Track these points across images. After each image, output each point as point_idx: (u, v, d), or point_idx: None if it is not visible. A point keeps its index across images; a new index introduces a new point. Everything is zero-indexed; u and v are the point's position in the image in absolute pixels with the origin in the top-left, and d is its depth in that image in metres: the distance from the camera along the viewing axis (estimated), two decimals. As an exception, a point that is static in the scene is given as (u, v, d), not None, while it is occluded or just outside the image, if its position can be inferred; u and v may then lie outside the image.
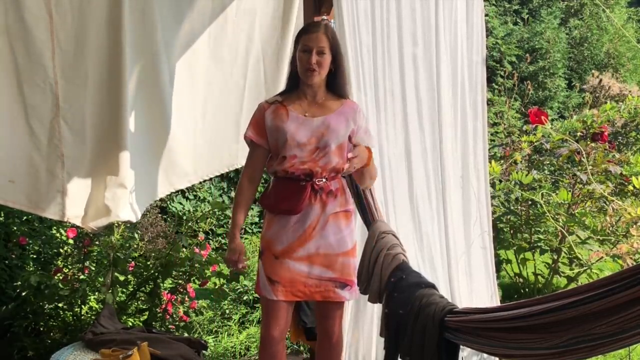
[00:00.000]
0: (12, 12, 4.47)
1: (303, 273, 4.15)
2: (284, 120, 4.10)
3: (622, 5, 16.53)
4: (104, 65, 4.81)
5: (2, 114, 4.57)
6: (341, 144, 4.16)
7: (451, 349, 3.72)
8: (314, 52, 4.06)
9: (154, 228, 6.65)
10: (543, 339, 2.95)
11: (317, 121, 4.12)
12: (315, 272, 4.16)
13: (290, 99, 4.19)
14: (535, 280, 7.16)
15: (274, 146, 4.15)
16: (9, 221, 6.28)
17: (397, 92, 4.68)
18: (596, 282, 2.69)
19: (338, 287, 4.21)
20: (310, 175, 4.08)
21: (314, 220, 4.15)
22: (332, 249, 4.18)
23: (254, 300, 7.02)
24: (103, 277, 5.83)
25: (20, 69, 4.56)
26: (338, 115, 4.18)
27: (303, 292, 4.17)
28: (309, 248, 4.15)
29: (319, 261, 4.17)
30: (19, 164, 4.67)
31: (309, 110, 4.16)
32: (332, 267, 4.19)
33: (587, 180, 6.18)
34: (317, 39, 4.09)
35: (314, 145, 4.10)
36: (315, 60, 4.05)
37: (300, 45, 4.12)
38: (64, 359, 4.69)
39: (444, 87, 4.72)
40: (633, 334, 2.62)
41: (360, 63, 4.56)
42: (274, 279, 4.13)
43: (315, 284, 4.17)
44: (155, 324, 5.92)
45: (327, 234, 4.18)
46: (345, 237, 4.23)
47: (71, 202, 4.83)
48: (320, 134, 4.11)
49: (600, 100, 9.73)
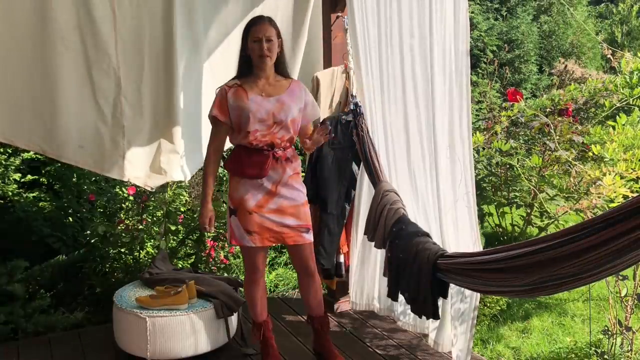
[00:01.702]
0: (82, 11, 4.52)
1: (274, 223, 4.23)
2: (244, 100, 4.14)
3: (584, 4, 16.50)
4: (158, 52, 4.86)
5: (75, 93, 4.63)
6: (294, 118, 4.26)
7: (442, 286, 3.72)
8: (263, 40, 4.10)
9: (199, 187, 6.65)
10: (517, 278, 2.95)
11: (272, 100, 4.19)
12: (286, 221, 4.25)
13: (247, 82, 4.21)
14: (512, 230, 7.17)
15: (237, 123, 4.19)
16: (80, 182, 6.34)
17: (398, 76, 4.67)
18: (561, 231, 2.68)
19: (304, 232, 4.31)
20: (271, 146, 4.17)
21: (277, 180, 4.22)
22: (295, 201, 4.27)
23: (281, 247, 7.02)
24: (158, 227, 5.86)
25: (90, 57, 4.62)
26: (289, 94, 4.26)
27: (275, 237, 4.28)
28: (277, 202, 4.23)
29: (288, 212, 4.25)
30: (88, 133, 4.73)
31: (265, 90, 4.21)
32: (298, 216, 4.28)
33: (555, 147, 6.15)
34: (265, 29, 4.14)
35: (272, 120, 4.16)
36: (266, 47, 4.10)
37: (251, 36, 4.15)
38: (125, 294, 4.73)
39: (435, 72, 4.71)
40: (591, 274, 2.62)
41: (368, 52, 4.54)
42: (251, 230, 4.21)
43: (285, 232, 4.26)
44: (200, 265, 5.95)
45: (290, 191, 4.27)
46: (301, 192, 4.35)
47: (131, 165, 4.87)
48: (277, 110, 4.17)
49: (566, 82, 9.64)
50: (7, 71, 4.44)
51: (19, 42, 4.42)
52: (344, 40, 5.09)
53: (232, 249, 6.32)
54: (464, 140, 4.78)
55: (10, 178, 6.21)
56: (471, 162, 4.79)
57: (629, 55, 5.82)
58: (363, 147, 4.61)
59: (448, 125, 4.77)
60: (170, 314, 4.41)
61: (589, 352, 4.82)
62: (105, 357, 4.74)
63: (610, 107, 5.84)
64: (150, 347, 4.39)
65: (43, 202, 6.36)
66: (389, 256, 4.09)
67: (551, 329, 5.80)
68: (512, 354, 5.30)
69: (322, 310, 4.58)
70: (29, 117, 4.56)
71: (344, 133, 4.83)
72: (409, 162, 4.70)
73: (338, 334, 5.02)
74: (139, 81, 4.82)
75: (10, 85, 4.47)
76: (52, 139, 4.63)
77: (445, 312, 4.43)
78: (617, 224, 2.36)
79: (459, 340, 4.44)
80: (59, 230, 6.12)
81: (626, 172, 4.62)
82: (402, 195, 4.35)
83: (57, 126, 4.61)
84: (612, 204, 4.54)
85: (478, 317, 4.71)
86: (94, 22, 4.54)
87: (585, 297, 6.29)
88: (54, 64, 4.51)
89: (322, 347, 4.61)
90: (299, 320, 5.35)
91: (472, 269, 3.34)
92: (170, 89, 4.91)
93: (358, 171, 4.93)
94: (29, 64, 4.48)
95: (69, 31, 4.51)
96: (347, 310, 5.51)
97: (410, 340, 4.97)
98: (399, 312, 4.98)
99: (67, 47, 4.52)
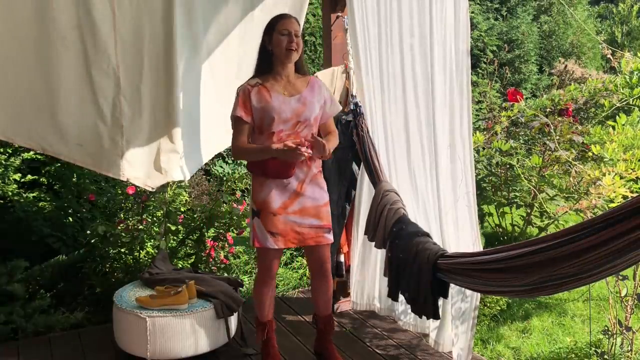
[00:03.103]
0: (82, 11, 4.53)
1: (296, 224, 4.20)
2: (268, 100, 4.08)
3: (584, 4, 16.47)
4: (158, 52, 4.86)
5: (75, 92, 4.64)
6: (316, 116, 4.23)
7: (442, 287, 3.72)
8: (292, 34, 4.07)
9: (199, 187, 6.66)
10: (517, 278, 2.95)
11: (295, 99, 4.14)
12: (307, 222, 4.22)
13: (268, 81, 4.16)
14: (512, 230, 7.17)
15: (259, 124, 4.13)
16: (80, 181, 6.34)
17: (398, 75, 4.67)
18: (561, 231, 2.68)
19: (326, 232, 4.29)
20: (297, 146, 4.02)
21: (303, 179, 4.19)
22: (317, 202, 4.25)
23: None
24: (158, 227, 5.86)
25: (89, 56, 4.62)
26: (309, 92, 4.22)
27: (297, 239, 4.24)
28: (301, 202, 4.19)
29: (310, 213, 4.22)
30: (87, 132, 4.74)
31: (287, 89, 4.16)
32: (319, 216, 4.26)
33: (555, 147, 6.15)
34: (293, 24, 4.12)
35: (295, 120, 4.12)
36: (295, 41, 4.07)
37: (278, 29, 4.09)
38: (125, 294, 4.73)
39: (436, 72, 4.71)
40: (591, 274, 2.62)
41: (368, 51, 4.55)
42: (274, 232, 4.17)
43: (307, 232, 4.23)
44: (201, 265, 5.94)
45: (313, 190, 4.25)
46: (324, 191, 4.32)
47: (130, 165, 4.88)
48: (300, 109, 4.13)
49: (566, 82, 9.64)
50: (8, 70, 4.45)
51: (19, 42, 4.43)
52: (344, 40, 5.09)
53: (232, 249, 6.33)
54: (464, 140, 4.78)
55: (10, 178, 6.21)
56: (471, 162, 4.80)
57: (629, 55, 5.81)
58: (363, 147, 4.60)
59: (448, 124, 4.77)
60: (170, 314, 4.41)
61: (589, 352, 4.82)
62: (105, 357, 4.74)
63: (610, 107, 5.83)
64: (150, 347, 4.39)
65: (43, 202, 6.36)
66: (389, 256, 4.09)
67: (551, 329, 5.80)
68: (512, 354, 5.29)
69: (329, 311, 4.56)
70: (29, 115, 4.57)
71: (344, 133, 4.82)
72: (409, 161, 4.70)
73: (338, 334, 5.02)
74: (138, 81, 4.82)
75: (11, 84, 4.48)
76: (51, 137, 4.65)
77: (445, 311, 4.43)
78: (617, 224, 2.36)
79: (460, 339, 4.44)
80: (59, 230, 6.12)
81: (625, 173, 4.62)
82: (402, 195, 4.35)
83: (56, 125, 4.63)
84: (611, 204, 4.54)
85: (478, 317, 4.70)
86: (93, 22, 4.54)
87: (585, 297, 6.28)
88: (54, 63, 4.52)
89: (324, 349, 4.59)
90: (299, 320, 5.36)
91: (472, 269, 3.34)
92: (170, 89, 4.90)
93: (358, 171, 4.93)
94: (29, 64, 4.49)
95: (69, 31, 4.51)
96: (347, 310, 5.51)
97: (410, 340, 4.97)
98: (400, 312, 4.98)
99: (67, 47, 4.53)
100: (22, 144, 4.85)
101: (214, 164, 9.23)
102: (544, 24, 15.27)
